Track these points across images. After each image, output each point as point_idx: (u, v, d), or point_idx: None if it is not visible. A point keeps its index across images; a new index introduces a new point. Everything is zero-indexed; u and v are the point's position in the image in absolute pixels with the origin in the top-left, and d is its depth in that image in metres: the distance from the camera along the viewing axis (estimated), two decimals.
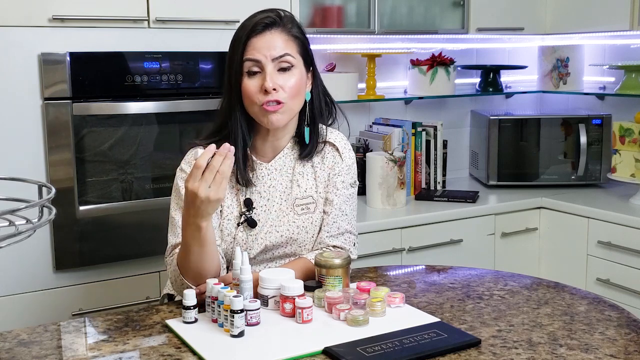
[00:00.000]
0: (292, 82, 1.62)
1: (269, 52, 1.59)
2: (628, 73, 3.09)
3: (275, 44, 1.60)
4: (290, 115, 1.65)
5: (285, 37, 1.62)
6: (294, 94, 1.62)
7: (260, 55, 1.59)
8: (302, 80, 1.65)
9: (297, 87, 1.63)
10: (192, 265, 1.53)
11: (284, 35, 1.62)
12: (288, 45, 1.62)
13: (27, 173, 2.13)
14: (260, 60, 1.59)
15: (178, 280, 1.59)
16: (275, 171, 1.72)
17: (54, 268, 2.26)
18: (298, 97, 1.65)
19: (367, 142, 3.10)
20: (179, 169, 1.71)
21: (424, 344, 1.33)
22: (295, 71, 1.63)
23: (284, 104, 1.61)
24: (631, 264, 2.65)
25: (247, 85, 1.61)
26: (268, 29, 1.61)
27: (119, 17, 2.28)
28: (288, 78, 1.61)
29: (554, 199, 2.97)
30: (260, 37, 1.60)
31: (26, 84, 2.17)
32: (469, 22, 3.13)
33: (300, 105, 1.68)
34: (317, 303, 1.51)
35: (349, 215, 1.78)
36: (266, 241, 1.68)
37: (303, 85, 1.66)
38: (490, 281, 1.75)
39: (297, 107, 1.66)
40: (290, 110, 1.64)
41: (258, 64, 1.60)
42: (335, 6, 2.94)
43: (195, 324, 1.44)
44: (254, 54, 1.60)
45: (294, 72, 1.63)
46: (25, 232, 1.11)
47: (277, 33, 1.62)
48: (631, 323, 1.47)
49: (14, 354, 1.33)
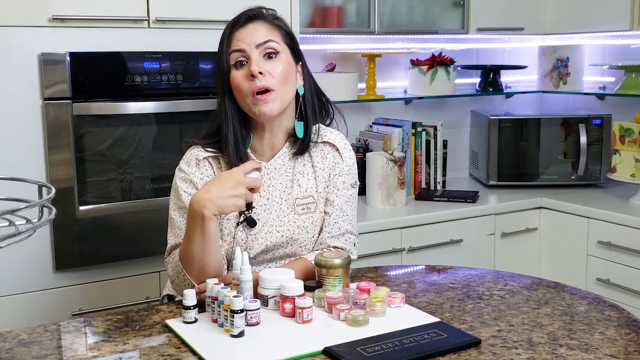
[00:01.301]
0: (279, 67, 1.63)
1: (252, 40, 1.62)
2: (628, 73, 3.09)
3: (258, 32, 1.63)
4: (281, 103, 1.64)
5: (268, 26, 1.65)
6: (282, 79, 1.63)
7: (244, 44, 1.61)
8: (289, 67, 1.66)
9: (284, 72, 1.63)
10: (194, 257, 1.52)
11: (267, 25, 1.65)
12: (271, 32, 1.65)
13: (27, 173, 2.13)
14: (245, 49, 1.61)
15: (180, 277, 1.58)
16: (275, 170, 1.72)
17: (54, 268, 2.26)
18: (287, 84, 1.65)
19: (367, 142, 3.10)
20: (178, 169, 1.70)
21: (424, 344, 1.33)
22: (281, 57, 1.64)
23: (273, 90, 1.61)
24: (631, 264, 2.65)
25: (235, 77, 1.62)
26: (250, 21, 1.65)
27: (119, 17, 2.28)
28: (274, 64, 1.63)
29: (554, 199, 2.97)
30: (243, 29, 1.63)
31: (26, 84, 2.17)
32: (469, 22, 3.13)
33: (291, 94, 1.67)
34: (317, 303, 1.51)
35: (349, 215, 1.78)
36: (267, 241, 1.68)
37: (292, 73, 1.67)
38: (490, 281, 1.75)
39: (287, 94, 1.66)
40: (280, 98, 1.63)
41: (243, 54, 1.62)
42: (335, 6, 2.94)
43: (195, 324, 1.44)
44: (238, 45, 1.62)
45: (280, 58, 1.64)
46: (25, 232, 1.11)
47: (259, 23, 1.65)
48: (631, 323, 1.47)
49: (14, 354, 1.33)
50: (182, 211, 1.64)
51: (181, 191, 1.66)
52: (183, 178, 1.67)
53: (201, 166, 1.68)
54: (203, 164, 1.68)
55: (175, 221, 1.66)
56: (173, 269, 1.61)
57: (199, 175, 1.67)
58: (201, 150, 1.69)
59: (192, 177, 1.66)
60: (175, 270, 1.60)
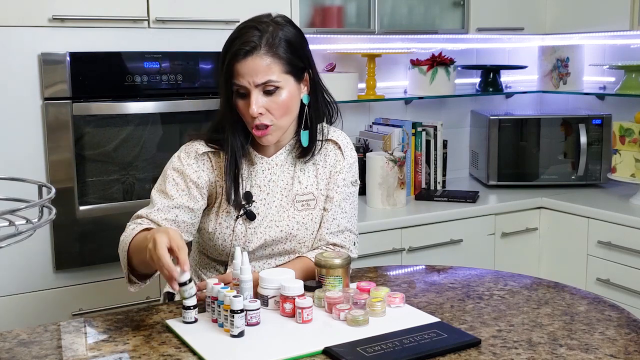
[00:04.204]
0: (278, 102, 1.63)
1: (251, 78, 1.60)
2: (628, 73, 3.09)
3: (257, 71, 1.60)
4: (281, 132, 1.68)
5: (268, 61, 1.60)
6: (281, 113, 1.64)
7: (244, 81, 1.61)
8: (290, 97, 1.65)
9: (284, 106, 1.64)
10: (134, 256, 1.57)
11: (266, 59, 1.60)
12: (270, 69, 1.60)
13: (27, 173, 2.14)
14: (246, 86, 1.61)
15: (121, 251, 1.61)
16: (276, 166, 1.73)
17: (54, 268, 2.26)
18: (287, 114, 1.66)
19: (367, 142, 3.10)
20: (177, 157, 1.72)
21: (424, 344, 1.33)
22: (281, 92, 1.63)
23: (272, 125, 1.64)
24: (631, 264, 2.65)
25: (239, 104, 1.65)
26: (249, 55, 1.60)
27: (119, 17, 2.28)
28: (274, 99, 1.62)
29: (554, 199, 2.97)
30: (242, 64, 1.60)
31: (26, 84, 2.17)
32: (469, 22, 3.13)
33: (290, 121, 1.69)
34: (317, 303, 1.51)
35: (348, 213, 1.78)
36: (266, 235, 1.69)
37: (293, 101, 1.67)
38: (490, 281, 1.75)
39: (287, 123, 1.68)
40: (279, 128, 1.66)
41: (244, 89, 1.62)
42: (335, 6, 2.94)
43: (195, 324, 1.44)
44: (240, 80, 1.61)
45: (280, 93, 1.63)
46: (25, 232, 1.11)
47: (257, 58, 1.60)
48: (631, 323, 1.47)
49: (14, 354, 1.33)
50: (162, 195, 1.66)
51: (170, 178, 1.68)
52: (176, 168, 1.69)
53: (199, 160, 1.70)
54: (202, 158, 1.70)
55: (153, 199, 1.67)
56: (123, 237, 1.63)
57: (194, 167, 1.69)
58: (202, 145, 1.70)
59: (187, 169, 1.68)
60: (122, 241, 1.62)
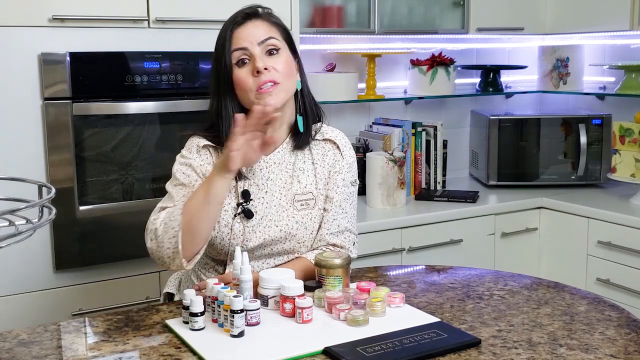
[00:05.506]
0: (282, 62, 1.66)
1: (253, 38, 1.65)
2: (628, 73, 3.09)
3: (259, 30, 1.67)
4: (285, 95, 1.67)
5: (267, 24, 1.69)
6: (286, 72, 1.67)
7: (246, 42, 1.65)
8: (290, 61, 1.70)
9: (288, 67, 1.68)
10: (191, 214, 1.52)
11: (265, 22, 1.69)
12: (271, 30, 1.69)
13: (27, 173, 2.13)
14: (247, 47, 1.65)
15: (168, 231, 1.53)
16: (274, 165, 1.73)
17: (54, 268, 2.26)
18: (291, 78, 1.69)
19: (367, 142, 3.10)
20: (179, 155, 1.73)
21: (424, 344, 1.33)
22: (282, 53, 1.68)
23: (279, 83, 1.65)
24: (631, 264, 2.65)
25: (239, 74, 1.65)
26: (249, 18, 1.68)
27: (119, 17, 2.28)
28: (277, 59, 1.66)
29: (554, 199, 2.97)
30: (242, 28, 1.67)
31: (26, 84, 2.17)
32: (469, 22, 3.13)
33: (293, 87, 1.71)
34: (317, 303, 1.51)
35: (348, 213, 1.78)
36: (265, 235, 1.68)
37: (293, 68, 1.71)
38: (490, 281, 1.75)
39: (291, 87, 1.70)
40: (285, 90, 1.67)
41: (246, 52, 1.65)
42: (335, 6, 2.94)
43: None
44: (240, 43, 1.65)
45: (281, 54, 1.68)
46: (25, 232, 1.11)
47: (258, 21, 1.69)
48: (631, 323, 1.47)
49: (14, 354, 1.33)
50: (179, 187, 1.66)
51: (179, 173, 1.68)
52: (182, 162, 1.70)
53: (202, 153, 1.70)
54: (204, 151, 1.71)
55: (170, 193, 1.67)
56: (162, 222, 1.57)
57: (199, 161, 1.69)
58: (202, 139, 1.71)
59: (192, 162, 1.69)
60: (164, 223, 1.56)
